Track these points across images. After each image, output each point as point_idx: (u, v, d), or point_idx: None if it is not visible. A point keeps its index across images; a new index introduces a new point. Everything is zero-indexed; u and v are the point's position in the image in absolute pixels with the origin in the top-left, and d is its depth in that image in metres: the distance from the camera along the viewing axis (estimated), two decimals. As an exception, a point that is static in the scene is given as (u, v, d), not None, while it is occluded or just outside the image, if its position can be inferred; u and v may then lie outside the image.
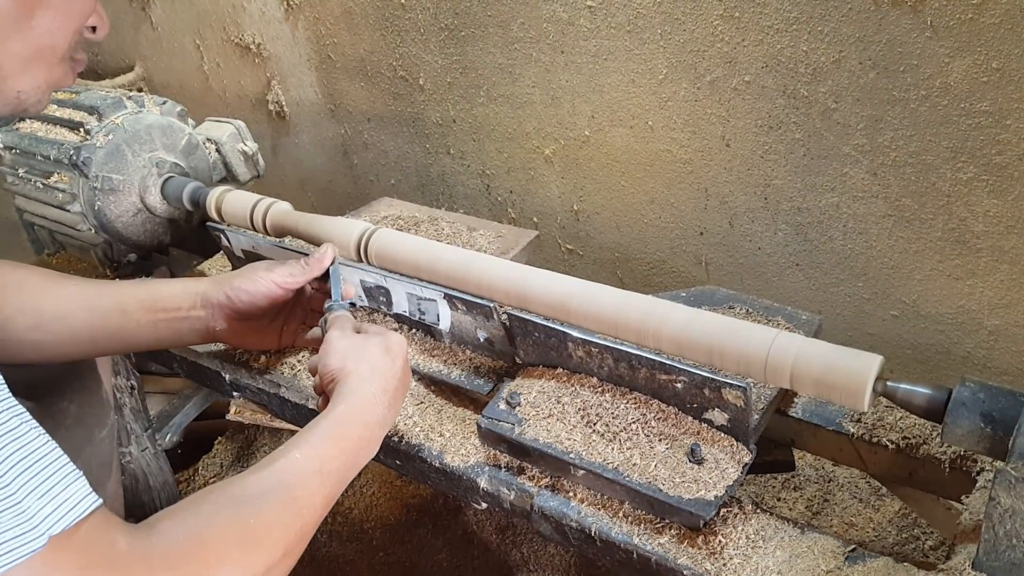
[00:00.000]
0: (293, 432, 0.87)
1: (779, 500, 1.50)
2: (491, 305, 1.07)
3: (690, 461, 0.91)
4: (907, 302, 1.33)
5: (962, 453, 0.97)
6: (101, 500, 0.65)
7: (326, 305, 1.05)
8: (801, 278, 1.43)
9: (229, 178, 1.53)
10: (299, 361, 1.22)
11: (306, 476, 0.80)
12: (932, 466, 0.99)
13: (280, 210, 1.27)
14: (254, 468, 0.79)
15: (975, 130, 1.13)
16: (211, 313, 1.09)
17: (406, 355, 0.99)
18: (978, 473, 0.95)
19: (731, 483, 0.89)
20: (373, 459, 1.13)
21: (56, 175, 1.37)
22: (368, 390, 0.90)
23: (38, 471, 0.62)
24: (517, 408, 1.01)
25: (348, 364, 0.92)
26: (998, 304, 1.24)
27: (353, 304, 1.12)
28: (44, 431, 0.65)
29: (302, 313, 1.18)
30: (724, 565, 0.87)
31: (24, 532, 0.59)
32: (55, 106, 1.47)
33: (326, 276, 1.11)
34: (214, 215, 1.32)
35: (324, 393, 0.93)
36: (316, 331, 1.11)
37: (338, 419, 0.87)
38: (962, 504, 0.92)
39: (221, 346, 1.25)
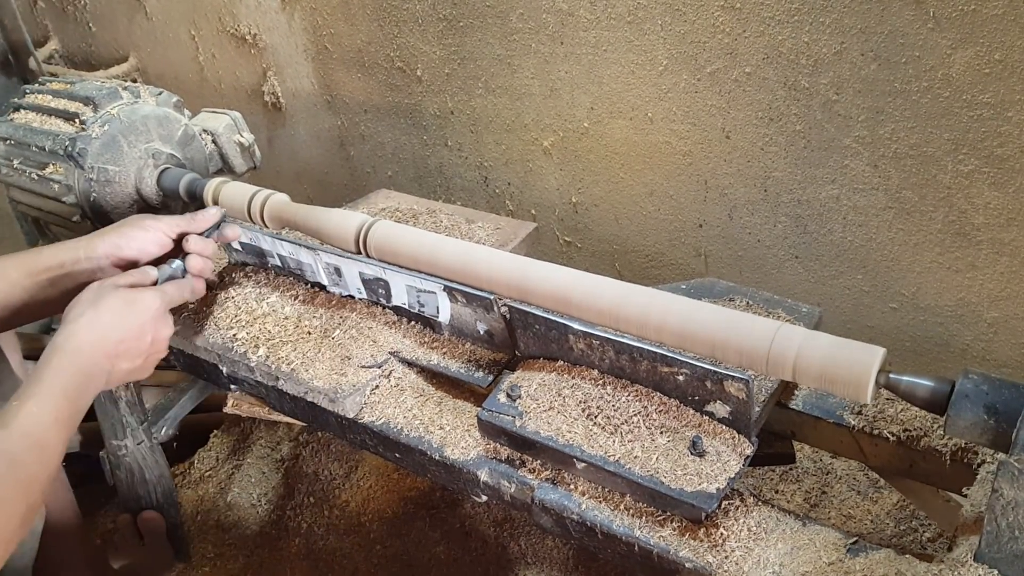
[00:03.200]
0: (291, 425, 0.89)
1: (777, 492, 1.50)
2: (491, 297, 1.06)
3: (692, 454, 0.91)
4: (906, 294, 1.33)
5: (963, 445, 0.97)
6: None
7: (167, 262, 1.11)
8: (800, 270, 1.43)
9: (225, 169, 1.51)
10: (296, 354, 1.21)
11: (47, 426, 0.88)
12: (933, 458, 0.99)
13: (278, 202, 1.26)
14: (3, 423, 0.85)
15: (977, 122, 1.12)
16: (97, 265, 1.09)
17: (155, 311, 1.02)
18: (979, 465, 0.95)
19: (733, 475, 0.88)
20: (371, 452, 1.14)
21: (51, 166, 1.36)
22: (83, 338, 0.95)
23: None
24: (517, 401, 1.00)
25: (71, 311, 0.98)
26: (998, 296, 1.24)
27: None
28: None
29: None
30: (726, 558, 0.86)
31: None
32: (50, 96, 1.46)
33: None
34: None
35: None
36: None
37: (58, 368, 0.92)
38: (963, 496, 0.92)
39: (212, 338, 1.24)
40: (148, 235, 1.12)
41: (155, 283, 1.08)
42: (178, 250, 1.16)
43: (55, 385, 0.91)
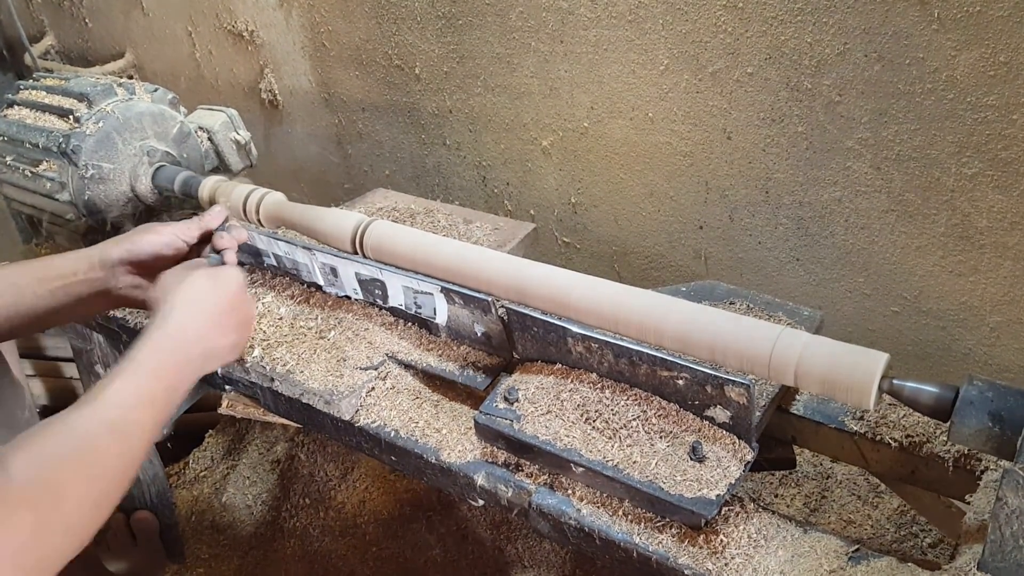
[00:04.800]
0: (286, 426, 0.88)
1: (777, 496, 1.49)
2: (489, 299, 1.05)
3: (691, 459, 0.89)
4: (908, 298, 1.32)
5: (966, 452, 0.96)
6: None
7: (204, 257, 1.10)
8: (802, 273, 1.42)
9: (221, 167, 1.50)
10: (291, 355, 1.20)
11: (131, 407, 0.85)
12: (935, 465, 0.97)
13: (274, 201, 1.25)
14: (82, 402, 0.83)
15: (981, 124, 1.11)
16: (110, 273, 1.08)
17: (241, 284, 1.03)
18: (982, 472, 0.94)
19: (733, 481, 0.87)
20: (367, 454, 1.13)
21: (45, 163, 1.35)
22: (179, 317, 0.94)
23: None
24: (515, 404, 0.99)
25: (162, 294, 0.97)
26: (1001, 301, 1.23)
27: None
28: None
29: None
30: (726, 565, 0.85)
31: None
32: (44, 92, 1.44)
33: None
34: (207, 205, 1.30)
35: None
36: None
37: (152, 347, 0.90)
38: (966, 503, 0.91)
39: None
40: (160, 239, 1.10)
41: None
42: (190, 254, 1.15)
43: (146, 364, 0.88)
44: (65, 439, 0.79)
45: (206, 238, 1.15)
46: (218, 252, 1.12)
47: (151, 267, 1.10)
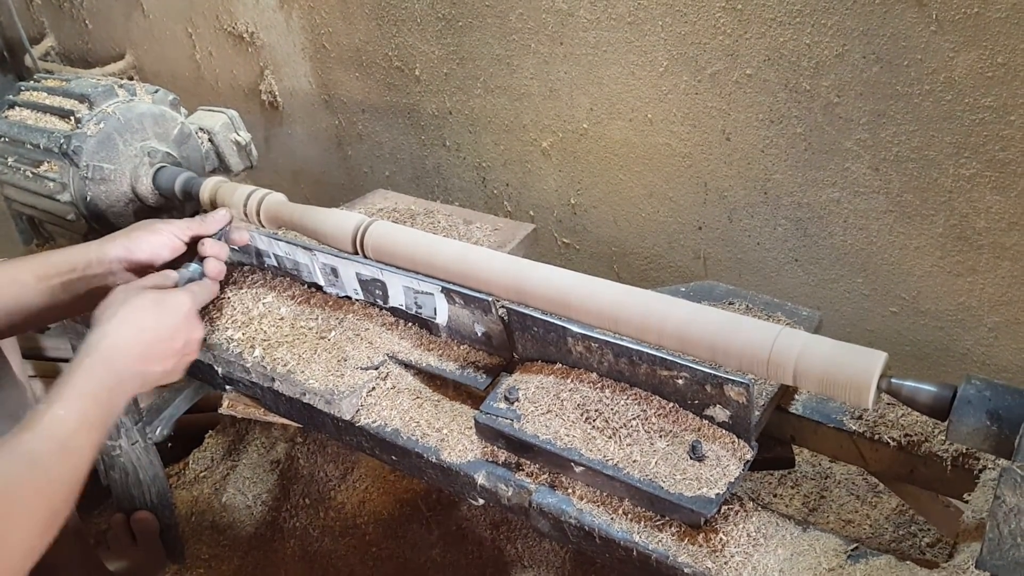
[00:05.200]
0: (286, 426, 0.88)
1: (775, 496, 1.49)
2: (489, 299, 1.05)
3: (691, 458, 0.90)
4: (907, 298, 1.32)
5: (964, 451, 0.96)
6: None
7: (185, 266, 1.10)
8: (800, 274, 1.42)
9: (222, 168, 1.50)
10: (292, 355, 1.20)
11: (74, 430, 0.85)
12: (934, 464, 0.98)
13: (274, 201, 1.26)
14: (25, 426, 0.83)
15: (979, 125, 1.12)
16: (109, 269, 1.08)
17: (186, 312, 1.01)
18: (980, 471, 0.95)
19: (732, 480, 0.88)
20: (368, 454, 1.13)
21: (46, 164, 1.35)
22: (113, 340, 0.93)
23: None
24: (515, 403, 1.00)
25: (103, 313, 0.96)
26: (999, 301, 1.23)
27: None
28: None
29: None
30: (725, 563, 0.86)
31: None
32: (45, 94, 1.44)
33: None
34: (207, 206, 1.30)
35: None
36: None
37: (88, 371, 0.90)
38: (965, 502, 0.91)
39: (208, 339, 1.24)
40: (159, 238, 1.11)
41: (175, 286, 1.07)
42: (190, 253, 1.16)
43: (84, 388, 0.88)
44: (14, 461, 0.79)
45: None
46: (201, 260, 1.12)
47: (149, 266, 1.11)
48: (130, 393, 0.95)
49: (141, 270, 1.10)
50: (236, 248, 1.30)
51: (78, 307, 1.11)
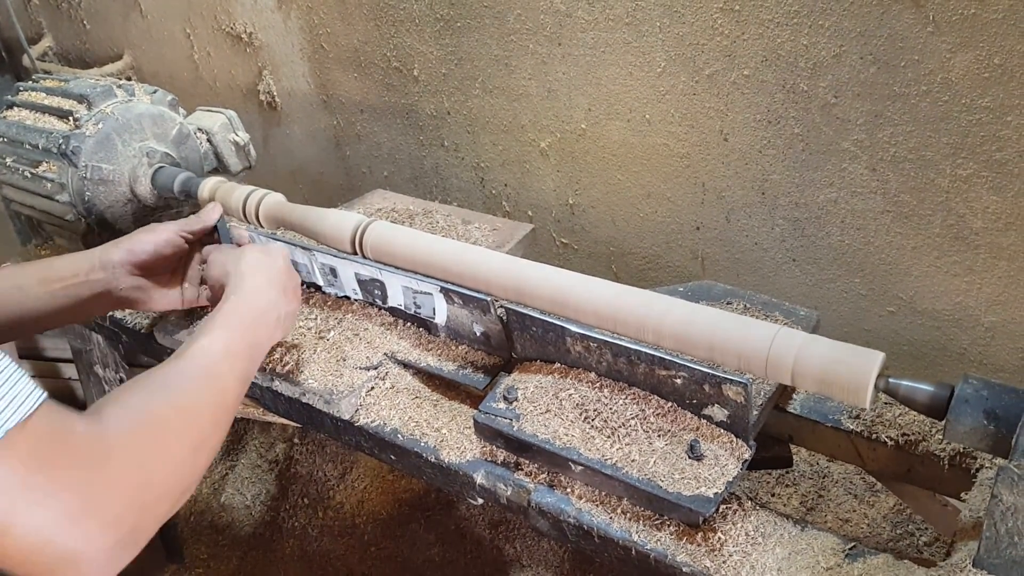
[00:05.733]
0: (284, 427, 0.88)
1: (774, 495, 1.50)
2: (488, 299, 1.05)
3: (689, 457, 0.90)
4: (904, 298, 1.33)
5: (961, 450, 0.97)
6: (46, 393, 0.68)
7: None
8: (798, 273, 1.42)
9: (220, 169, 1.50)
10: (290, 356, 1.20)
11: (218, 358, 0.88)
12: (931, 463, 0.98)
13: (273, 202, 1.26)
14: (172, 358, 0.86)
15: (976, 126, 1.12)
16: (111, 274, 1.09)
17: (287, 257, 1.07)
18: (977, 470, 0.95)
19: (731, 480, 0.88)
20: (367, 454, 1.13)
21: (44, 164, 1.35)
22: (250, 283, 0.99)
23: None
24: (514, 403, 1.00)
25: (229, 268, 1.02)
26: (996, 301, 1.24)
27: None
28: None
29: (197, 272, 1.20)
30: (723, 562, 0.86)
31: None
32: (44, 94, 1.45)
33: (215, 232, 1.17)
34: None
35: (219, 300, 1.00)
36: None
37: (230, 309, 0.95)
38: (961, 501, 0.91)
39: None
40: (159, 236, 1.12)
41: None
42: (192, 253, 1.16)
43: (227, 322, 0.92)
44: (158, 390, 0.80)
45: (205, 235, 1.15)
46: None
47: (152, 267, 1.11)
48: (272, 333, 0.99)
49: (145, 270, 1.11)
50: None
51: (81, 312, 1.12)
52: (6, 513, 0.62)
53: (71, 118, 1.35)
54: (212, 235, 1.16)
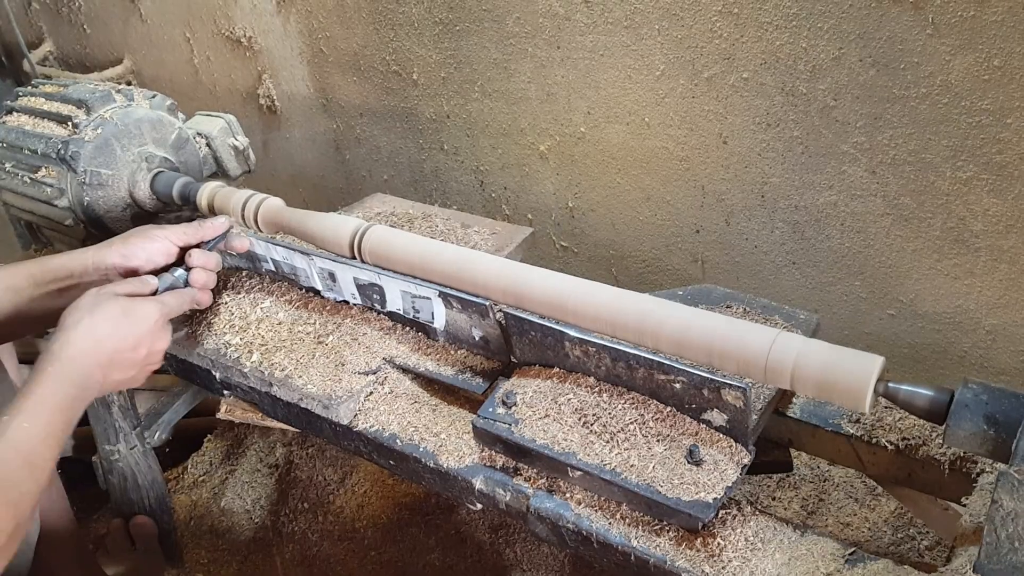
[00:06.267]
0: (284, 431, 0.88)
1: (774, 499, 1.49)
2: (487, 303, 1.05)
3: (688, 462, 0.90)
4: (904, 301, 1.32)
5: (962, 455, 0.96)
6: None
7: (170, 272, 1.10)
8: (798, 276, 1.42)
9: (220, 173, 1.50)
10: (289, 360, 1.20)
11: (40, 443, 0.86)
12: (931, 467, 0.98)
13: (272, 206, 1.25)
14: None
15: (975, 128, 1.12)
16: (105, 276, 1.09)
17: (153, 323, 1.00)
18: (978, 475, 0.95)
19: (730, 484, 0.88)
20: (366, 459, 1.13)
21: (43, 169, 1.35)
22: (77, 347, 0.93)
23: None
24: (513, 408, 0.99)
25: (69, 317, 0.95)
26: (996, 304, 1.23)
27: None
28: None
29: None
30: (723, 568, 0.85)
31: None
32: (43, 99, 1.45)
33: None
34: (205, 211, 1.30)
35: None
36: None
37: (53, 382, 0.90)
38: (962, 506, 0.91)
39: (206, 344, 1.24)
40: (155, 245, 1.11)
41: (155, 292, 1.07)
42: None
43: (48, 399, 0.89)
44: None
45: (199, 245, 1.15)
46: (188, 269, 1.12)
47: (145, 272, 1.11)
48: (89, 400, 0.95)
49: (136, 276, 1.10)
50: (234, 254, 1.30)
51: None
52: None
53: (70, 123, 1.35)
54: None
